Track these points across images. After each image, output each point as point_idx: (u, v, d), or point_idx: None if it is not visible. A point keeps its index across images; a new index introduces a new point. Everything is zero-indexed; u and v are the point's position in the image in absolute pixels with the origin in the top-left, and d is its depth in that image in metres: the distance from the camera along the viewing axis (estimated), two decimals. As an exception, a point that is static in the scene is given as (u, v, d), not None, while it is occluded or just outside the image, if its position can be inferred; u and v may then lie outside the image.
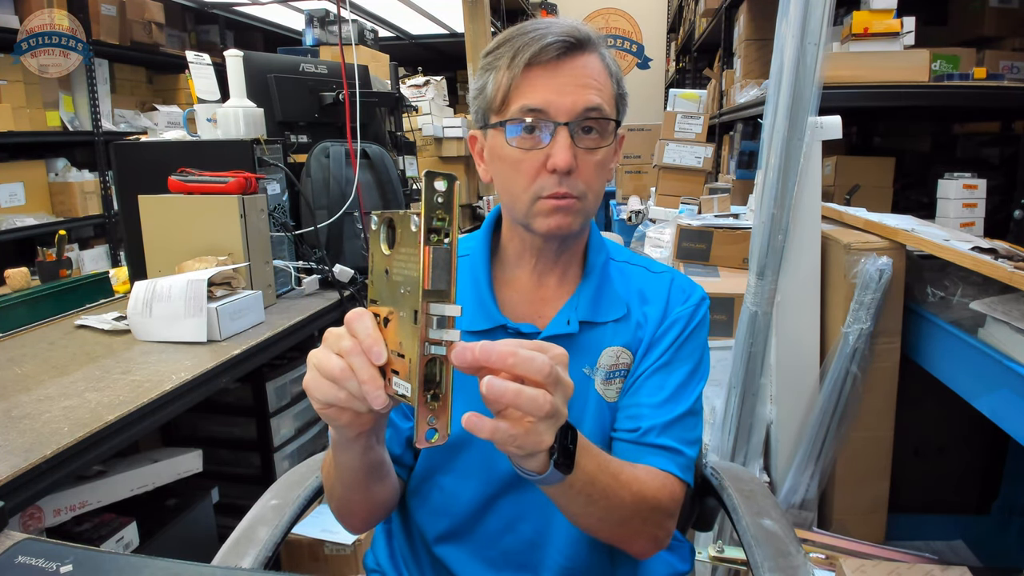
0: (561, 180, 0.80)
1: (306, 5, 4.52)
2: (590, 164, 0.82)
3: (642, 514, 0.79)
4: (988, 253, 1.38)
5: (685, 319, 0.89)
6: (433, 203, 0.52)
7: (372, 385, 0.57)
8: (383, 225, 0.58)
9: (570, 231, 0.84)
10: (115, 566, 0.63)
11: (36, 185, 3.76)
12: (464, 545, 0.90)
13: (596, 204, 0.86)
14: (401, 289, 0.56)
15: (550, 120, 0.80)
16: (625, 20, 8.11)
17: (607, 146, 0.83)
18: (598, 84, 0.81)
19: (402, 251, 0.55)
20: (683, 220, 2.39)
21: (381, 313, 0.59)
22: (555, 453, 0.63)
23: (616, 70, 0.86)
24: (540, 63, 0.80)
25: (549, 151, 0.80)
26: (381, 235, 0.58)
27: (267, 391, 1.88)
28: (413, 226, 0.53)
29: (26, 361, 1.48)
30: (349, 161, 2.22)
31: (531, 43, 0.79)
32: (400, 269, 0.56)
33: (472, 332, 0.87)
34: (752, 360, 1.78)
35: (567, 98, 0.79)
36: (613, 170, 0.90)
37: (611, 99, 0.84)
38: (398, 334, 0.58)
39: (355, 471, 0.76)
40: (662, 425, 0.84)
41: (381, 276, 0.59)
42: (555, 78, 0.80)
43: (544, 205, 0.82)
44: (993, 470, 2.01)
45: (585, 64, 0.81)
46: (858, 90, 2.20)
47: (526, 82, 0.80)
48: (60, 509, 1.38)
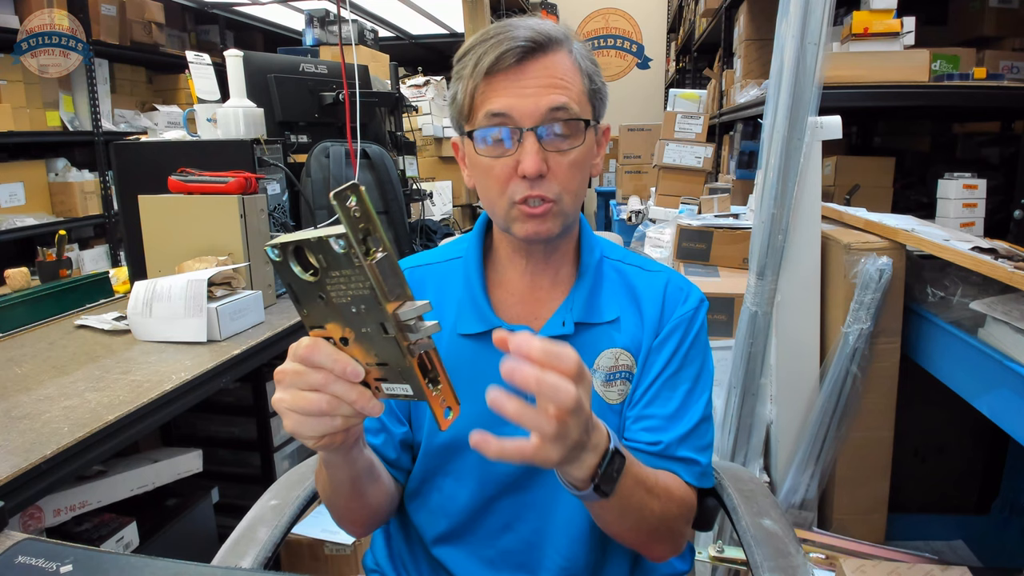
0: (533, 184, 0.80)
1: (306, 5, 4.52)
2: (563, 165, 0.80)
3: (668, 523, 0.80)
4: (988, 253, 1.38)
5: (687, 324, 0.89)
6: (352, 219, 0.51)
7: (364, 401, 0.59)
8: (289, 255, 0.55)
9: (549, 236, 0.83)
10: (115, 566, 0.63)
11: (36, 185, 3.76)
12: (462, 546, 0.90)
13: (576, 204, 0.85)
14: (353, 308, 0.55)
15: (516, 125, 0.79)
16: (625, 20, 8.11)
17: (579, 146, 0.81)
18: (564, 83, 0.80)
19: (334, 275, 0.54)
20: (683, 220, 2.39)
21: (334, 335, 0.58)
22: (598, 478, 0.65)
23: (588, 66, 0.83)
24: (501, 69, 0.78)
25: (518, 156, 0.79)
26: (291, 264, 0.55)
27: (267, 391, 1.88)
28: (338, 248, 0.51)
29: (26, 361, 1.48)
30: (349, 161, 2.22)
31: (491, 50, 0.78)
32: (342, 292, 0.55)
33: (466, 335, 0.87)
34: (752, 360, 1.78)
35: (530, 100, 0.78)
36: (599, 165, 0.88)
37: (581, 96, 0.81)
38: (368, 348, 0.58)
39: (350, 480, 0.78)
40: (679, 437, 0.85)
41: (315, 302, 0.57)
42: (517, 82, 0.79)
43: (521, 213, 0.82)
44: (993, 470, 2.01)
45: (548, 65, 0.79)
46: (858, 90, 2.20)
47: (490, 89, 0.79)
48: (60, 509, 1.38)
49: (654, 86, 8.06)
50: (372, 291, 0.53)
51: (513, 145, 0.80)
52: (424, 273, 0.94)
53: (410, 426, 0.91)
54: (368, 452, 0.80)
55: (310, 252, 0.54)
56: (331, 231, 0.51)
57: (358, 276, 0.52)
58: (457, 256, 0.94)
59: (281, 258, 0.55)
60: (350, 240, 0.50)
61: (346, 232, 0.50)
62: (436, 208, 4.09)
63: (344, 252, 0.51)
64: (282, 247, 0.55)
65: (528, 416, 0.57)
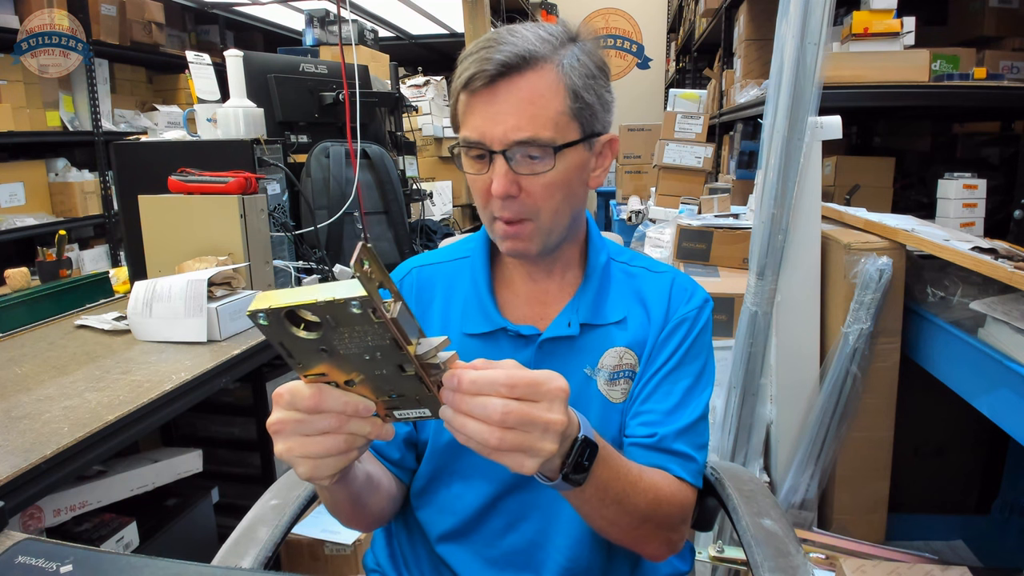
0: (504, 205, 0.80)
1: (306, 5, 4.52)
2: (536, 186, 0.80)
3: (656, 519, 0.80)
4: (988, 253, 1.38)
5: (690, 322, 0.89)
6: (369, 281, 0.50)
7: (378, 430, 0.61)
8: (282, 318, 0.52)
9: (527, 253, 0.84)
10: (115, 566, 0.63)
11: (36, 185, 3.76)
12: (466, 544, 0.90)
13: (558, 220, 0.83)
14: (366, 356, 0.55)
15: (488, 148, 0.79)
16: (625, 20, 8.11)
17: (550, 170, 0.79)
18: (534, 108, 0.77)
19: (342, 330, 0.53)
20: (683, 220, 2.39)
21: (335, 379, 0.58)
22: (566, 467, 0.66)
23: (577, 81, 0.79)
24: (475, 90, 0.78)
25: (491, 176, 0.79)
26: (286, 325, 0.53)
27: (267, 391, 1.88)
28: (354, 310, 0.50)
29: (26, 361, 1.48)
30: (349, 161, 2.22)
31: (471, 66, 0.78)
32: (353, 344, 0.54)
33: (472, 335, 0.88)
34: (752, 360, 1.78)
35: (499, 128, 0.77)
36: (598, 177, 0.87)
37: (559, 116, 0.78)
38: (381, 386, 0.58)
39: (349, 499, 0.79)
40: (676, 432, 0.85)
41: (314, 355, 0.55)
42: (490, 106, 0.78)
43: (499, 230, 0.83)
44: (993, 470, 2.01)
45: (523, 86, 0.77)
46: (858, 90, 2.20)
47: (468, 108, 0.80)
48: (60, 509, 1.38)
49: (654, 86, 8.06)
50: (392, 341, 0.53)
51: (486, 165, 0.80)
52: (432, 272, 0.95)
53: (414, 426, 0.91)
54: (365, 466, 0.80)
55: (314, 314, 0.52)
56: (342, 293, 0.50)
57: (375, 330, 0.52)
58: (464, 256, 0.94)
59: (270, 322, 0.52)
60: (372, 303, 0.50)
61: (368, 296, 0.50)
62: (436, 208, 4.09)
63: (360, 312, 0.51)
64: (269, 312, 0.51)
65: (466, 428, 0.60)
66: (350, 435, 0.60)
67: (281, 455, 0.61)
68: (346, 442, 0.60)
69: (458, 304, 0.90)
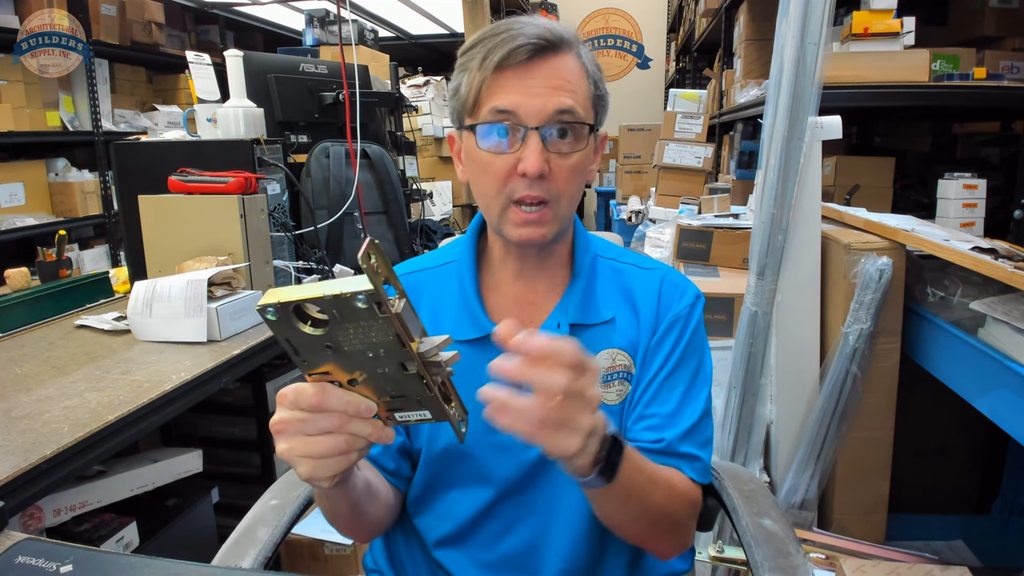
0: (532, 184, 0.79)
1: (306, 5, 4.52)
2: (564, 168, 0.80)
3: (671, 516, 0.81)
4: (988, 253, 1.38)
5: (683, 320, 0.88)
6: (376, 276, 0.51)
7: (379, 432, 0.61)
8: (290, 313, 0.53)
9: (543, 241, 0.83)
10: (115, 566, 0.63)
11: (36, 185, 3.76)
12: (463, 549, 0.90)
13: (571, 208, 0.84)
14: (369, 353, 0.55)
15: (520, 124, 0.78)
16: (625, 20, 8.11)
17: (581, 150, 0.80)
18: (571, 86, 0.79)
19: (347, 326, 0.53)
20: (683, 220, 2.39)
21: (339, 379, 0.59)
22: (601, 463, 0.67)
23: (594, 71, 0.83)
24: (511, 65, 0.78)
25: (520, 155, 0.78)
26: (293, 321, 0.54)
27: (267, 391, 1.88)
28: (359, 304, 0.51)
29: (26, 361, 1.48)
30: (349, 161, 2.22)
31: (502, 44, 0.77)
32: (357, 341, 0.55)
33: (461, 341, 0.86)
34: (752, 360, 1.78)
35: (537, 100, 0.77)
36: (594, 171, 0.88)
37: (586, 101, 0.81)
38: (382, 386, 0.59)
39: (349, 507, 0.79)
40: (681, 434, 0.85)
41: (321, 351, 0.56)
42: (526, 80, 0.78)
43: (515, 216, 0.81)
44: (993, 470, 2.01)
45: (558, 65, 0.79)
46: (858, 90, 2.20)
47: (496, 84, 0.78)
48: (60, 509, 1.38)
49: (654, 86, 8.07)
50: (396, 337, 0.54)
51: (515, 143, 0.79)
52: (419, 279, 0.93)
53: (407, 435, 0.90)
54: (364, 473, 0.79)
55: (320, 308, 0.53)
56: (348, 287, 0.51)
57: (379, 326, 0.53)
58: (451, 260, 0.93)
59: (278, 317, 0.53)
60: (377, 296, 0.51)
61: (374, 290, 0.50)
62: (436, 208, 4.09)
63: (366, 307, 0.51)
64: (277, 306, 0.52)
65: (516, 403, 0.59)
66: (351, 436, 0.60)
67: (282, 455, 0.61)
68: (347, 443, 0.60)
69: (446, 311, 0.89)
